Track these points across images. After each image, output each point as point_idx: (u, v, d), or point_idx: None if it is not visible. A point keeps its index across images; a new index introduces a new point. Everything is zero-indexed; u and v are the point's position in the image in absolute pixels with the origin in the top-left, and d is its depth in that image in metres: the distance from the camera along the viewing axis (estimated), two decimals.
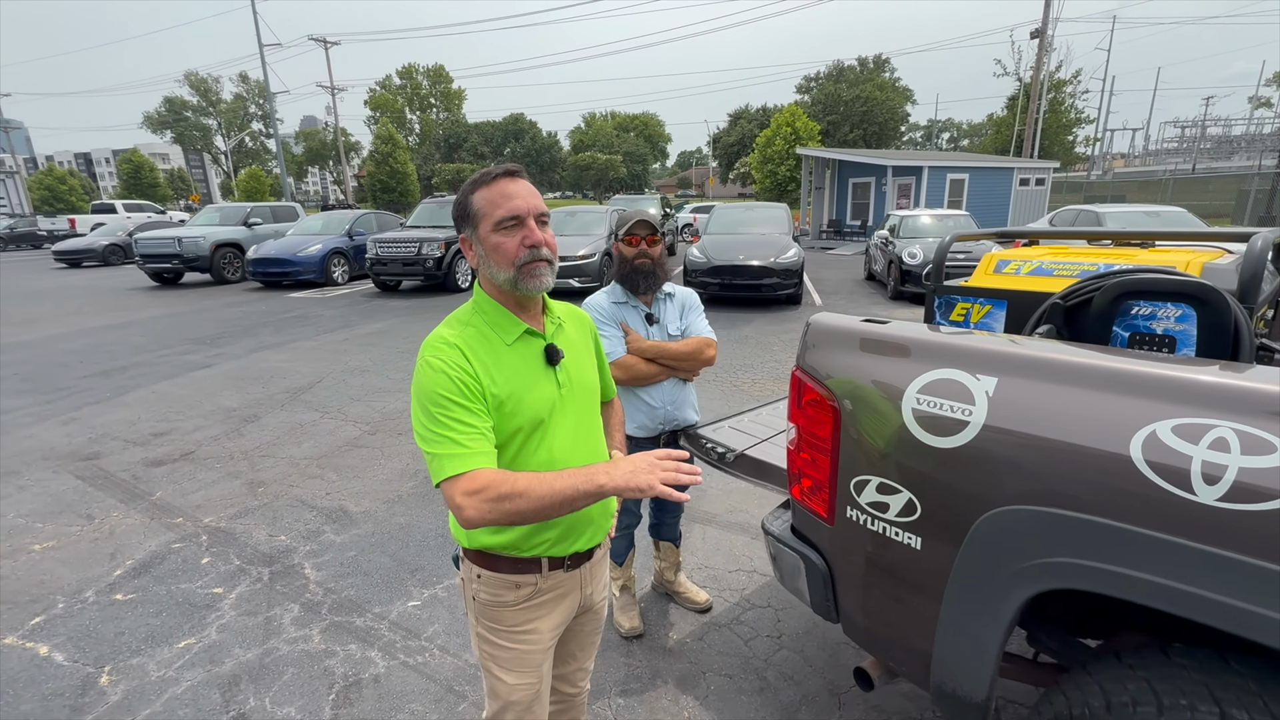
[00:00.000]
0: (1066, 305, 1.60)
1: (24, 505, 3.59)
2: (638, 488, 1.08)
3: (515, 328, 1.23)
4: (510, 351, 1.21)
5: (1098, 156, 45.20)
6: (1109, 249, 2.06)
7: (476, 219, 1.20)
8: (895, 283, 9.72)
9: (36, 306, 10.99)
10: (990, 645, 1.25)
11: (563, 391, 1.26)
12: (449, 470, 1.07)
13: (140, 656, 2.35)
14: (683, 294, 2.30)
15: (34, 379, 6.31)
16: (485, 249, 1.19)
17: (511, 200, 1.17)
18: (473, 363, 1.15)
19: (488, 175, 1.20)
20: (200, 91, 60.29)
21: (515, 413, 1.18)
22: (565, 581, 1.33)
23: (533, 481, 1.07)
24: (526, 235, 1.17)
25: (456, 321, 1.23)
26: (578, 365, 1.33)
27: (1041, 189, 20.65)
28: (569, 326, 1.37)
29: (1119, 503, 1.05)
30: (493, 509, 1.06)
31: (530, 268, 1.18)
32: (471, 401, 1.13)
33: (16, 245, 25.77)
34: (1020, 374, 1.22)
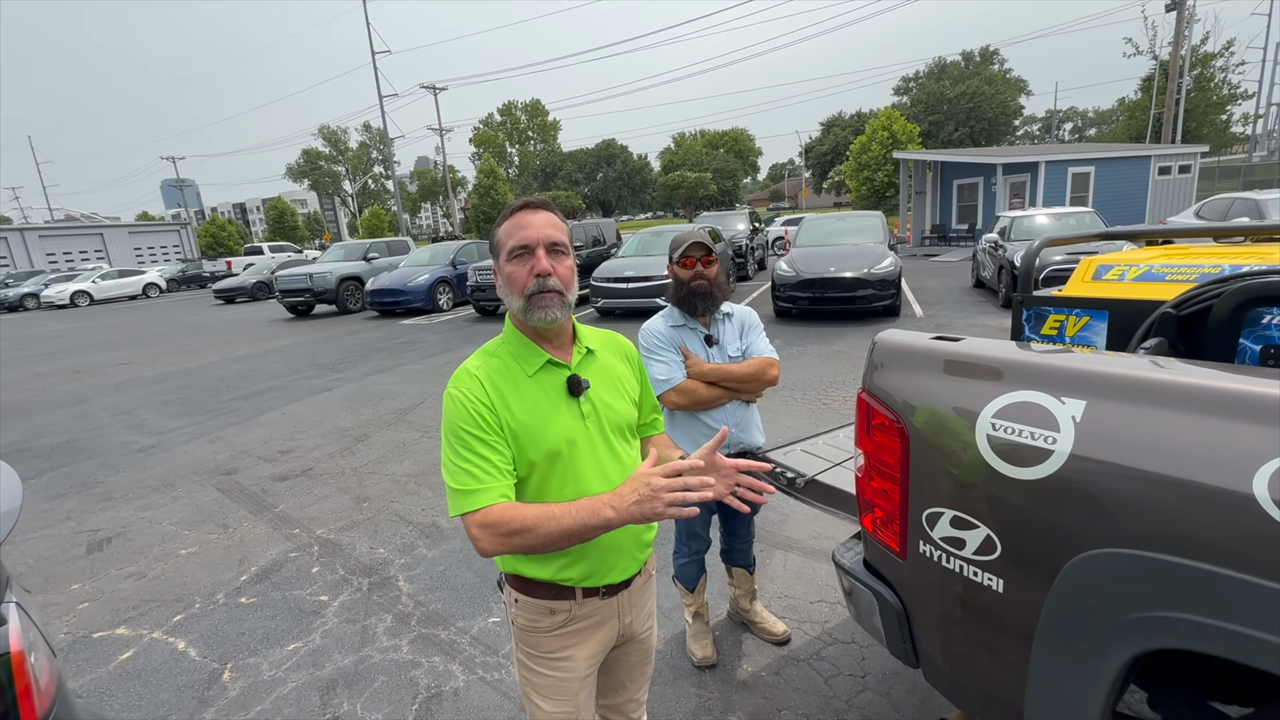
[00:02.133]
0: (1180, 315, 1.38)
1: (176, 514, 4.11)
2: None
3: (537, 359, 1.23)
4: (531, 383, 1.21)
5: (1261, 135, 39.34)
6: (1240, 247, 1.76)
7: (498, 250, 1.23)
8: (1007, 289, 8.95)
9: (197, 338, 12.67)
10: (1090, 707, 1.09)
11: (587, 423, 1.24)
12: (462, 506, 1.11)
13: (256, 656, 2.60)
14: (741, 313, 2.24)
15: (191, 402, 7.25)
16: (503, 278, 1.22)
17: (523, 230, 1.18)
18: (490, 394, 1.17)
19: (511, 208, 1.23)
20: (331, 142, 67.62)
21: (531, 444, 1.17)
22: (601, 609, 1.31)
23: (541, 517, 1.08)
24: (534, 264, 1.18)
25: (484, 352, 1.26)
26: (608, 395, 1.30)
27: (1187, 177, 18.30)
28: (604, 355, 1.35)
29: (1240, 550, 0.88)
30: (504, 543, 1.09)
31: (538, 299, 1.18)
32: (488, 434, 1.14)
33: (187, 285, 29.96)
34: (1113, 396, 1.06)
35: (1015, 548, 1.17)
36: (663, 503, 1.05)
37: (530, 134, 73.95)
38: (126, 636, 2.80)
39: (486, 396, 1.16)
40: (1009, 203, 18.00)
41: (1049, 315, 1.74)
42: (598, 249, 13.42)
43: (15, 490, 1.24)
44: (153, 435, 6.00)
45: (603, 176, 75.68)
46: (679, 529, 2.36)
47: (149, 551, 3.61)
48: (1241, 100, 37.27)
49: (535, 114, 72.97)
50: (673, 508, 1.05)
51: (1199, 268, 1.57)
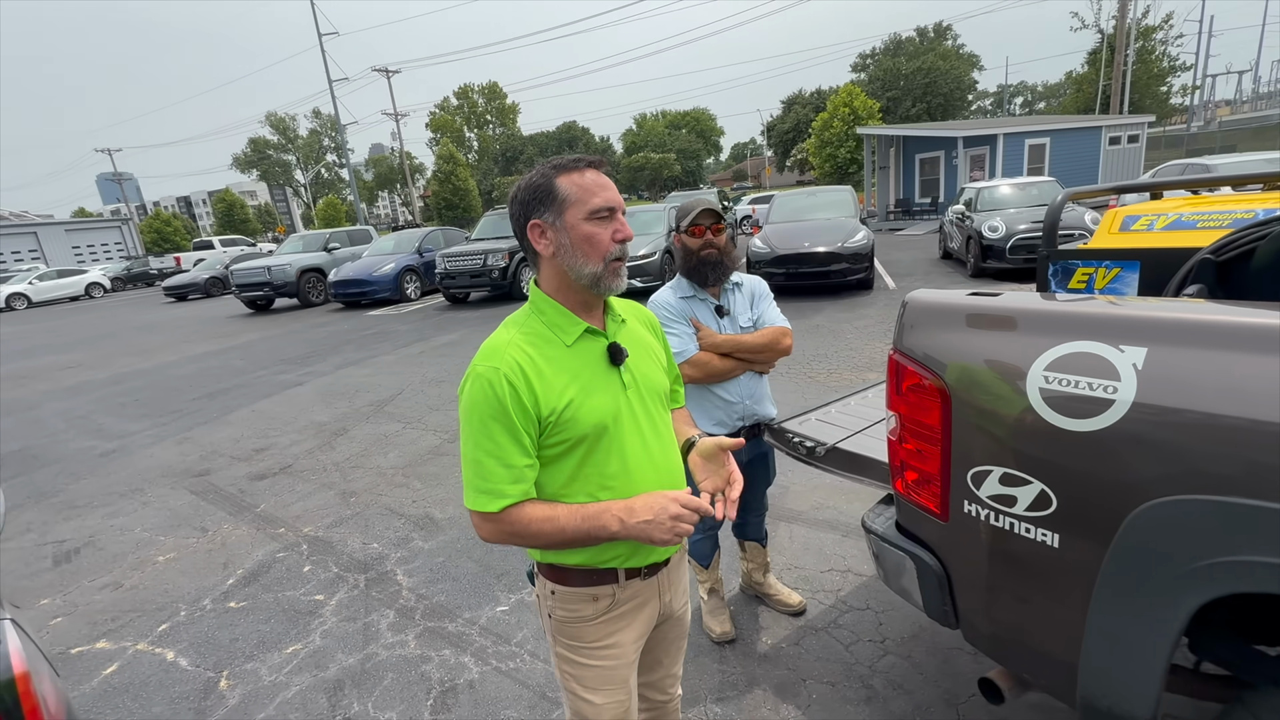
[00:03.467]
0: (1219, 260, 1.38)
1: (148, 520, 3.89)
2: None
3: (575, 327, 1.15)
4: (570, 353, 1.14)
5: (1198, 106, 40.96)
6: (1262, 194, 1.78)
7: (563, 204, 1.10)
8: (976, 259, 9.12)
9: (151, 337, 12.07)
10: (1156, 658, 1.08)
11: (629, 394, 1.18)
12: (479, 504, 1.08)
13: (253, 661, 2.47)
14: (751, 282, 2.18)
15: (151, 403, 6.90)
16: (573, 238, 1.10)
17: (606, 190, 1.11)
18: (528, 373, 1.08)
19: (576, 162, 1.12)
20: (279, 130, 64.88)
21: (576, 419, 1.10)
22: (643, 590, 1.26)
23: (545, 524, 1.07)
24: (618, 229, 1.11)
25: (513, 324, 1.17)
26: (644, 364, 1.25)
27: (1135, 146, 18.93)
28: (633, 324, 1.29)
29: None
30: (505, 539, 1.10)
31: (616, 265, 1.13)
32: (517, 422, 1.06)
33: (133, 284, 28.51)
34: (1178, 342, 1.04)
35: (1072, 501, 1.16)
36: (673, 533, 1.06)
37: (489, 117, 72.23)
38: (109, 650, 2.64)
39: (523, 377, 1.07)
40: (970, 175, 18.36)
41: (1076, 269, 1.74)
42: None
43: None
44: (113, 439, 5.68)
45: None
46: None
47: (123, 560, 3.41)
48: (1180, 72, 38.69)
49: (493, 97, 71.25)
50: (677, 538, 1.07)
51: (1231, 213, 1.57)
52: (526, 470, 1.09)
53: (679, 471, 1.28)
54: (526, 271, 11.67)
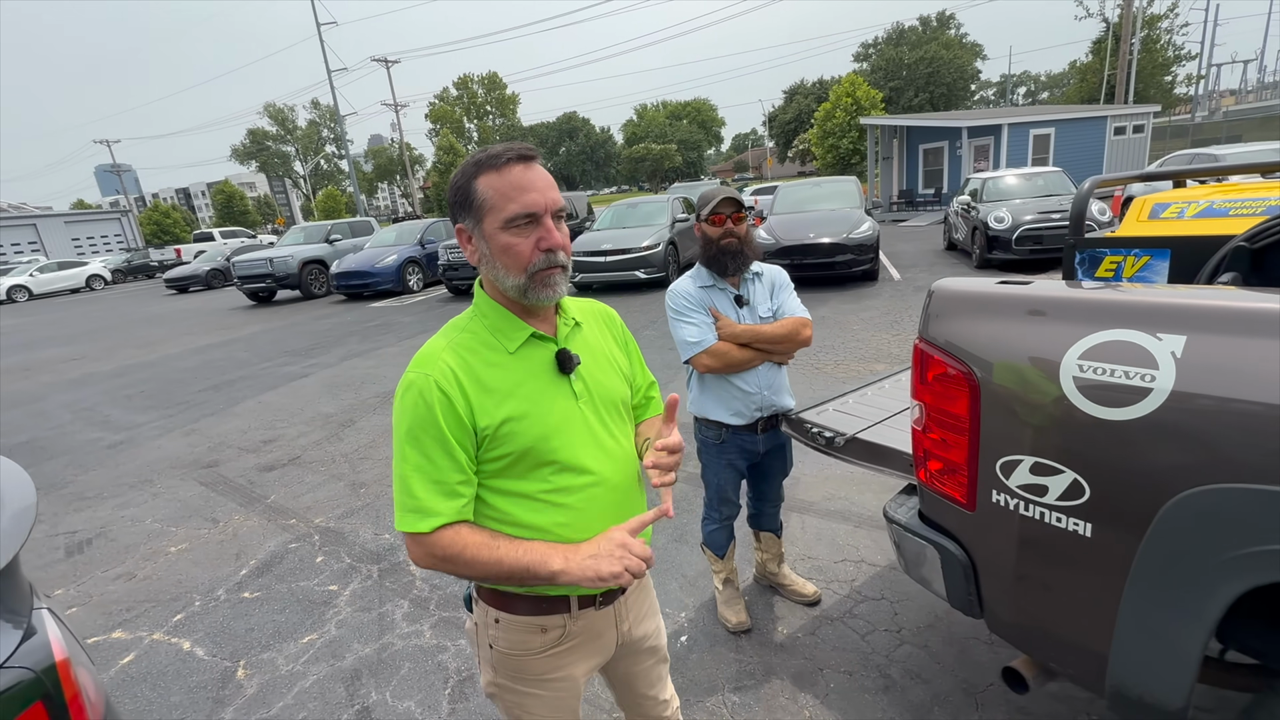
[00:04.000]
0: (1254, 248, 1.37)
1: (159, 511, 3.90)
2: (598, 576, 0.95)
3: (519, 333, 1.06)
4: (514, 360, 1.04)
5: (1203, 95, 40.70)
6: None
7: (480, 210, 1.00)
8: (981, 250, 9.08)
9: (154, 330, 12.06)
10: (1190, 647, 1.08)
11: (580, 403, 1.08)
12: (409, 524, 0.97)
13: (270, 651, 2.48)
14: (771, 272, 2.17)
15: (157, 395, 6.90)
16: (492, 249, 1.01)
17: (527, 194, 0.97)
18: (463, 383, 0.99)
19: (497, 158, 0.99)
20: (278, 121, 64.47)
21: (519, 433, 1.00)
22: (598, 620, 1.16)
23: (480, 551, 0.96)
24: (543, 237, 0.99)
25: (454, 328, 1.07)
26: (600, 372, 1.15)
27: (1141, 136, 18.82)
28: (589, 327, 1.19)
29: None
30: (439, 565, 0.98)
31: (544, 275, 1.01)
32: (449, 434, 0.97)
33: (134, 276, 28.47)
34: (1218, 330, 1.03)
35: (1106, 491, 1.15)
36: (621, 564, 0.96)
37: (489, 108, 71.76)
38: (125, 640, 2.65)
39: (456, 386, 0.98)
40: (974, 166, 18.27)
41: (1104, 257, 1.72)
42: (571, 223, 13.15)
43: (27, 486, 1.11)
44: (120, 431, 5.69)
45: (565, 151, 74.23)
46: (709, 494, 2.31)
47: (135, 551, 3.42)
48: (1185, 61, 38.40)
49: (493, 87, 70.74)
50: (628, 573, 0.96)
51: (1264, 200, 1.56)
52: (460, 486, 0.99)
53: (633, 485, 1.17)
54: None
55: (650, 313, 8.48)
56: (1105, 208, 8.66)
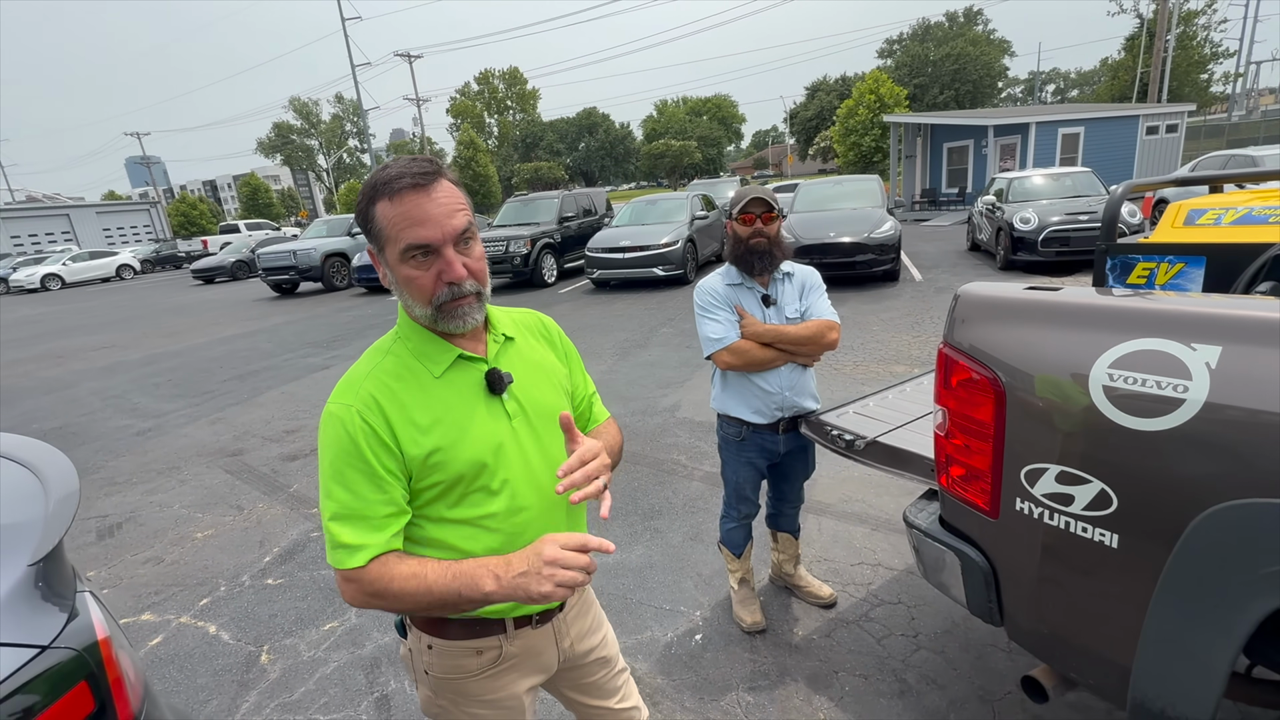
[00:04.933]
0: None
1: (186, 497, 4.00)
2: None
3: (444, 355, 1.01)
4: (440, 385, 1.00)
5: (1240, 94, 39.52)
6: None
7: (381, 240, 0.95)
8: (1006, 252, 8.94)
9: (181, 319, 12.33)
10: (1218, 663, 1.06)
11: (514, 423, 1.05)
12: (339, 560, 0.94)
13: (293, 637, 2.54)
14: (803, 273, 2.15)
15: (184, 384, 7.06)
16: (396, 279, 0.97)
17: (420, 227, 0.92)
18: (385, 411, 0.95)
19: (391, 184, 0.92)
20: (303, 115, 65.45)
21: (449, 461, 0.97)
22: (536, 639, 1.13)
23: (409, 583, 0.92)
24: (443, 270, 0.94)
25: (378, 351, 1.03)
26: (535, 388, 1.11)
27: (1174, 136, 18.34)
28: (523, 340, 1.15)
29: None
30: (369, 602, 0.95)
31: (451, 307, 0.97)
32: (375, 465, 0.94)
33: (162, 266, 29.09)
34: (1254, 340, 1.01)
35: (1134, 502, 1.13)
36: (551, 582, 0.90)
37: (509, 103, 72.14)
38: (153, 622, 2.73)
39: (380, 416, 0.95)
40: (1000, 165, 17.95)
41: (1136, 263, 1.69)
42: (589, 219, 13.19)
43: (71, 474, 1.15)
44: (149, 419, 5.83)
45: (585, 146, 74.30)
46: (727, 491, 2.32)
47: (163, 536, 3.51)
48: (1222, 59, 37.34)
49: (514, 82, 71.08)
50: (561, 589, 0.90)
51: None
52: (389, 520, 0.96)
53: (575, 506, 1.14)
54: (547, 259, 11.69)
55: (667, 310, 8.48)
56: (1136, 209, 8.47)
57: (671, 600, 2.57)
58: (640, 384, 5.46)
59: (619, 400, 5.08)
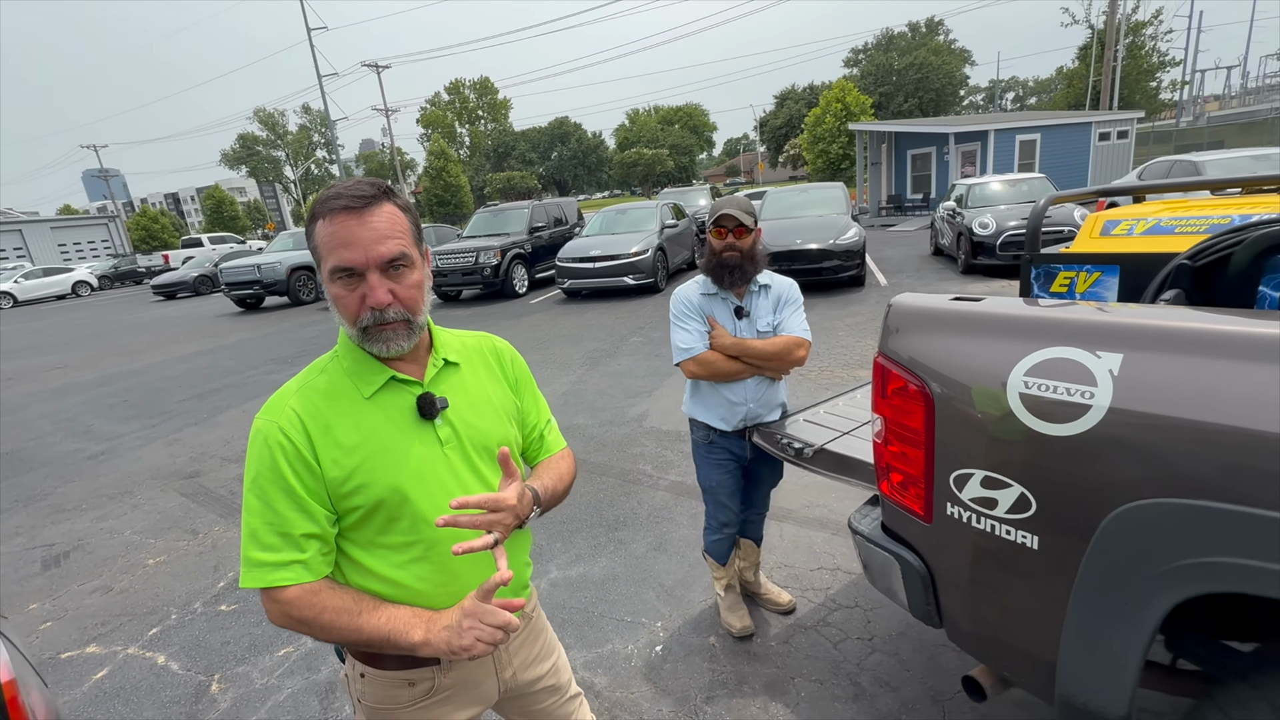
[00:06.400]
0: (1196, 266, 1.40)
1: (138, 523, 3.88)
2: (451, 650, 0.92)
3: (376, 376, 1.00)
4: (369, 406, 0.99)
5: (1186, 101, 41.27)
6: (1239, 198, 1.81)
7: (316, 256, 0.96)
8: (966, 256, 9.18)
9: (139, 337, 11.97)
10: (1130, 656, 1.11)
11: (446, 449, 1.03)
12: (254, 579, 0.91)
13: (245, 665, 2.47)
14: (780, 286, 2.13)
15: (140, 404, 6.85)
16: (330, 294, 0.97)
17: (347, 249, 0.92)
18: (309, 431, 0.94)
19: (328, 203, 0.93)
20: (268, 126, 64.31)
21: (369, 484, 0.95)
22: (473, 670, 1.11)
23: (339, 617, 0.92)
24: (365, 293, 0.94)
25: (312, 370, 1.03)
26: (474, 414, 1.08)
27: (1125, 142, 19.06)
28: (469, 366, 1.12)
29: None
30: (295, 626, 0.93)
31: (374, 331, 0.96)
32: (296, 487, 0.93)
33: (121, 282, 28.24)
34: (1152, 348, 1.06)
35: (1051, 504, 1.18)
36: (472, 635, 0.91)
37: (480, 113, 71.86)
38: (99, 655, 2.63)
39: (303, 434, 0.94)
40: (961, 171, 18.44)
41: (1059, 272, 1.76)
42: (560, 229, 13.18)
43: None
44: (102, 441, 5.64)
45: (557, 155, 74.30)
46: (705, 497, 2.33)
47: (113, 564, 3.40)
48: (1169, 67, 38.95)
49: (485, 92, 70.83)
50: (482, 644, 0.92)
51: (1208, 219, 1.60)
52: (309, 540, 0.94)
53: (514, 538, 1.12)
54: (518, 269, 11.65)
55: (638, 319, 8.51)
56: (1087, 214, 8.77)
57: (633, 612, 2.57)
58: (609, 394, 5.46)
59: (587, 410, 5.08)
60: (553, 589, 2.76)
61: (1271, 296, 1.32)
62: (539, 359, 6.91)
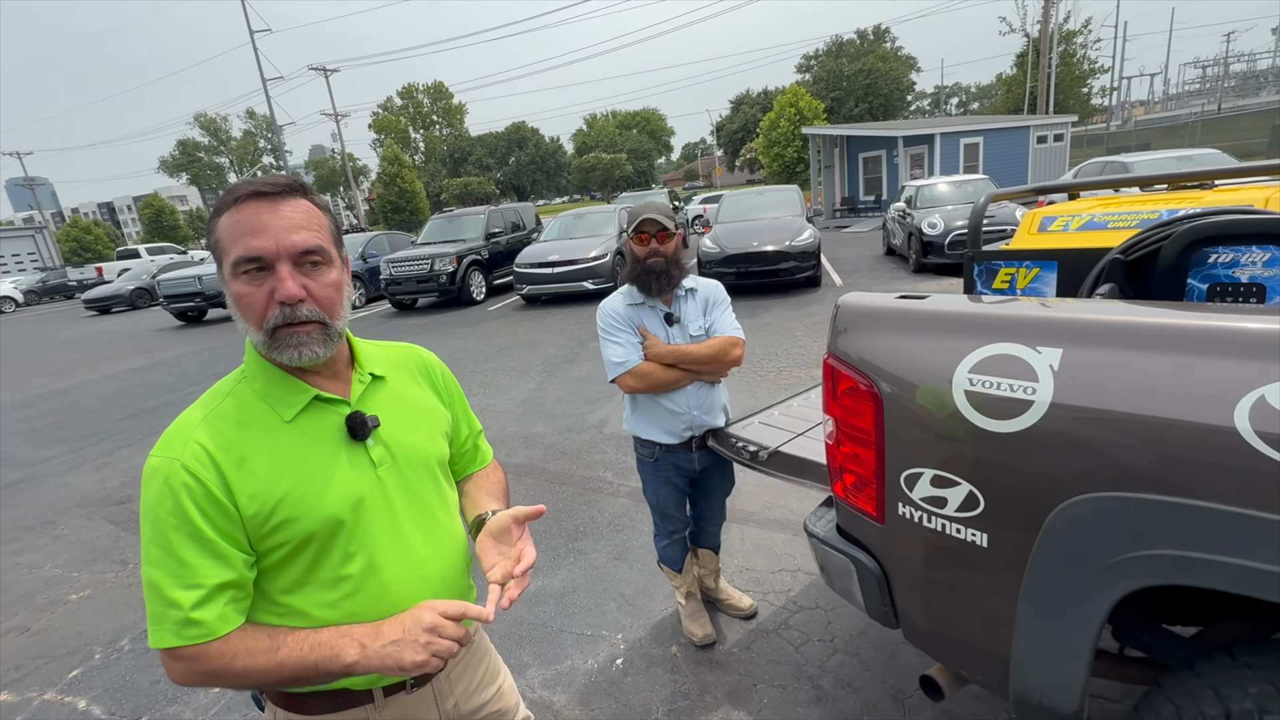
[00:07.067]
0: (1128, 260, 1.43)
1: (59, 555, 3.61)
2: (400, 666, 0.84)
3: (298, 397, 0.91)
4: (291, 431, 0.90)
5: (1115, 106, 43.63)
6: (1166, 194, 1.87)
7: (218, 253, 0.86)
8: (917, 255, 9.43)
9: (68, 355, 11.27)
10: (1079, 650, 1.11)
11: (380, 471, 0.95)
12: (158, 640, 0.81)
13: (176, 704, 2.31)
14: (706, 288, 2.12)
15: (66, 426, 6.42)
16: (230, 297, 0.87)
17: (254, 237, 0.83)
18: (218, 465, 0.84)
19: (234, 192, 0.86)
20: (211, 131, 61.84)
21: (295, 518, 0.86)
22: (411, 705, 1.02)
23: (255, 659, 0.82)
24: (275, 287, 0.84)
25: (215, 394, 0.91)
26: (407, 432, 1.01)
27: (1061, 145, 19.97)
28: (395, 378, 1.05)
29: (1226, 482, 0.90)
30: (205, 681, 0.84)
31: (285, 334, 0.86)
32: (205, 528, 0.82)
33: (50, 297, 26.63)
34: (1089, 342, 1.06)
35: (998, 501, 1.17)
36: (428, 650, 0.85)
37: (435, 118, 70.67)
38: (11, 702, 2.42)
39: (212, 470, 0.83)
40: (910, 173, 19.00)
41: (1000, 269, 1.78)
42: (518, 234, 13.02)
43: None
44: (21, 468, 5.26)
45: (515, 161, 73.66)
46: (652, 512, 2.28)
47: (29, 601, 3.14)
48: (1099, 74, 41.10)
49: (439, 96, 69.71)
50: (436, 659, 0.86)
51: (1139, 214, 1.64)
52: (223, 590, 0.83)
53: (452, 563, 1.04)
54: (475, 276, 11.44)
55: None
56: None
57: (593, 625, 2.51)
58: (568, 400, 5.38)
59: (547, 418, 4.98)
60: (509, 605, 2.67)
61: (1199, 289, 1.35)
62: (497, 366, 6.78)
